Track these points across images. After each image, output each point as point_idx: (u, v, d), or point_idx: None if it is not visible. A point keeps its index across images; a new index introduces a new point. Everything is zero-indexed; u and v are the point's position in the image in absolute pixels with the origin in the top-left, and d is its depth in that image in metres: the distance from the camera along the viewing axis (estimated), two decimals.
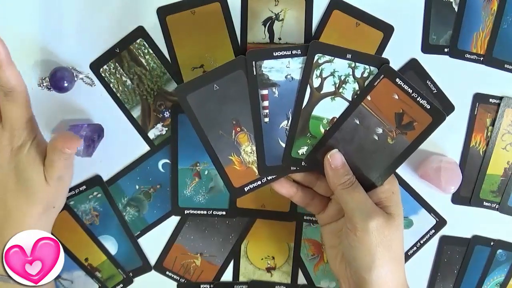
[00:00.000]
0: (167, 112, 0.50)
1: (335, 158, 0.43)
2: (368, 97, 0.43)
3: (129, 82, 0.50)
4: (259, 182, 0.46)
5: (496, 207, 0.53)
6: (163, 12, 0.49)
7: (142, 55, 0.50)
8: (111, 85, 0.50)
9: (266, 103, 0.44)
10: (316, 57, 0.43)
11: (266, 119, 0.44)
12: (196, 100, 0.43)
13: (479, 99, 0.52)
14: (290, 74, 0.43)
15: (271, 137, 0.44)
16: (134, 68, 0.50)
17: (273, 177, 0.46)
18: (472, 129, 0.52)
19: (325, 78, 0.43)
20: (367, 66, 0.43)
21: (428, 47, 0.51)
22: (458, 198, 0.53)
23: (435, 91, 0.51)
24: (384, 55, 0.50)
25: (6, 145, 0.42)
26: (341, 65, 0.43)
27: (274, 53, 0.43)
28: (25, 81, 0.49)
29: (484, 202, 0.53)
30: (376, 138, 0.43)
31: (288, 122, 0.44)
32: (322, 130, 0.44)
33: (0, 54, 0.41)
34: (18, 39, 0.49)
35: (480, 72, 0.52)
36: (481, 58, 0.51)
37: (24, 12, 0.49)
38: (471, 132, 0.52)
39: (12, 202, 0.42)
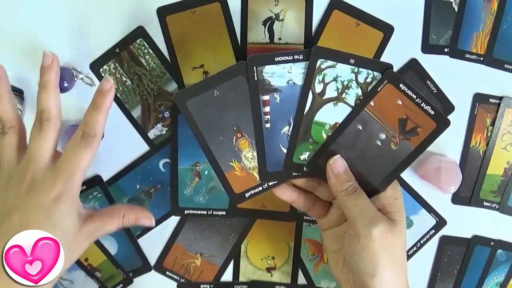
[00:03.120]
0: (167, 112, 0.50)
1: (337, 164, 0.43)
2: (371, 103, 0.43)
3: (129, 82, 0.50)
4: (260, 188, 0.45)
5: (496, 207, 0.53)
6: (163, 12, 0.49)
7: (142, 55, 0.50)
8: None
9: (267, 109, 0.44)
10: (318, 62, 0.42)
11: (268, 125, 0.44)
12: (196, 106, 0.43)
13: (479, 99, 0.52)
14: (292, 80, 0.43)
15: (273, 142, 0.44)
16: (134, 68, 0.50)
17: (274, 183, 0.45)
18: (472, 129, 0.52)
19: (328, 83, 0.43)
20: (370, 71, 0.42)
21: (428, 47, 0.51)
22: (458, 198, 0.53)
23: (435, 91, 0.51)
24: (384, 55, 0.50)
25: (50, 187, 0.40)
26: (344, 70, 0.43)
27: (275, 58, 0.42)
28: (25, 81, 0.49)
29: (484, 202, 0.53)
30: (379, 143, 0.43)
31: (289, 128, 0.44)
32: (325, 136, 0.44)
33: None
34: (18, 39, 0.49)
35: (480, 72, 0.52)
36: (481, 58, 0.51)
37: (24, 12, 0.49)
38: (471, 132, 0.52)
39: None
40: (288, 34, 0.50)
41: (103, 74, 0.50)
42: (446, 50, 0.51)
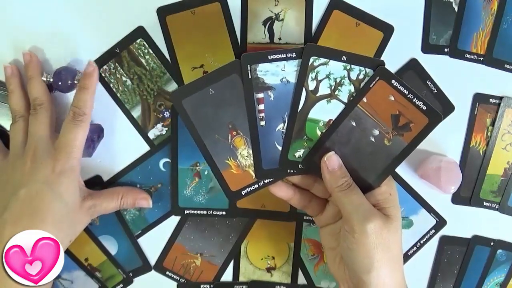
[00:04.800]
0: (167, 112, 0.50)
1: (332, 161, 0.43)
2: (364, 99, 0.43)
3: (129, 82, 0.50)
4: (256, 186, 0.46)
5: (496, 207, 0.53)
6: (163, 12, 0.49)
7: (142, 55, 0.50)
8: (111, 85, 0.50)
9: (261, 107, 0.44)
10: (311, 60, 0.43)
11: (262, 123, 0.44)
12: (192, 104, 0.43)
13: (479, 99, 0.52)
14: (285, 77, 0.43)
15: (268, 140, 0.44)
16: (134, 68, 0.50)
17: (270, 180, 0.46)
18: (472, 129, 0.52)
19: (321, 80, 0.43)
20: (362, 68, 0.43)
21: (428, 47, 0.51)
22: (458, 198, 0.53)
23: (435, 91, 0.51)
24: (384, 55, 0.50)
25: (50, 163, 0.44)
26: (336, 68, 0.43)
27: (269, 56, 0.42)
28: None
29: (484, 202, 0.53)
30: (373, 139, 0.43)
31: (284, 125, 0.44)
32: (319, 133, 0.44)
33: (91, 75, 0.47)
34: (18, 39, 0.49)
35: (480, 72, 0.52)
36: (481, 58, 0.51)
37: (24, 12, 0.49)
38: (471, 132, 0.52)
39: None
40: (288, 34, 0.50)
41: (103, 74, 0.50)
42: (446, 50, 0.51)
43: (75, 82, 0.47)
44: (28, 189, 0.43)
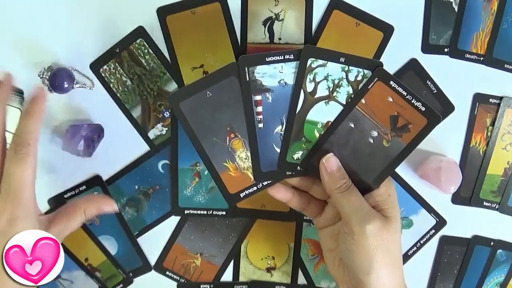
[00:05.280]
0: (167, 112, 0.51)
1: (330, 162, 0.43)
2: (363, 100, 0.43)
3: (129, 82, 0.50)
4: (255, 188, 0.46)
5: (496, 207, 0.53)
6: (163, 12, 0.49)
7: (142, 55, 0.50)
8: (111, 85, 0.50)
9: (259, 109, 0.44)
10: (309, 62, 0.43)
11: (260, 125, 0.44)
12: (189, 107, 0.43)
13: (479, 99, 0.52)
14: (283, 79, 0.43)
15: (266, 142, 0.44)
16: (134, 68, 0.50)
17: (268, 182, 0.45)
18: (472, 129, 0.52)
19: (319, 82, 0.43)
20: (360, 69, 0.43)
21: (428, 47, 0.51)
22: (458, 198, 0.53)
23: (435, 91, 0.51)
24: (384, 55, 0.50)
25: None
26: (334, 69, 0.43)
27: (266, 58, 0.42)
28: (25, 81, 0.49)
29: (484, 202, 0.53)
30: (372, 141, 0.43)
31: (282, 127, 0.44)
32: (317, 135, 0.44)
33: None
34: (18, 39, 0.49)
35: (480, 72, 0.52)
36: (481, 58, 0.51)
37: (24, 12, 0.49)
38: (471, 132, 0.52)
39: None
40: (288, 34, 0.50)
41: (103, 74, 0.50)
42: (446, 50, 0.51)
43: (75, 83, 0.47)
44: None
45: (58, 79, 0.47)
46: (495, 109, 0.52)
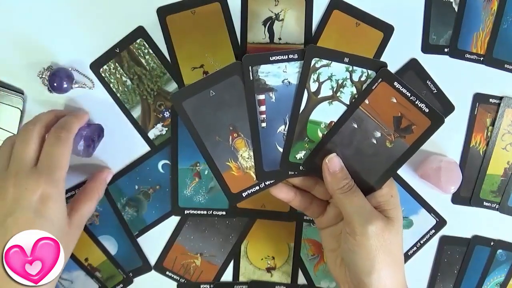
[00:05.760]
0: (167, 112, 0.50)
1: (333, 162, 0.43)
2: (366, 101, 0.43)
3: (129, 82, 0.50)
4: (257, 188, 0.46)
5: (496, 207, 0.53)
6: (163, 12, 0.49)
7: (142, 55, 0.50)
8: (111, 85, 0.50)
9: (263, 108, 0.44)
10: (313, 62, 0.42)
11: (263, 124, 0.44)
12: (192, 106, 0.43)
13: (479, 99, 0.52)
14: (287, 79, 0.43)
15: (269, 142, 0.44)
16: (134, 68, 0.50)
17: (271, 182, 0.45)
18: (472, 129, 0.52)
19: (323, 82, 0.43)
20: (365, 70, 0.43)
21: (428, 47, 0.51)
22: (458, 198, 0.53)
23: (435, 91, 0.51)
24: (384, 55, 0.50)
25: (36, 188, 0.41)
26: (338, 69, 0.43)
27: (270, 57, 0.42)
28: (25, 81, 0.49)
29: (484, 202, 0.53)
30: (375, 141, 0.43)
31: (285, 127, 0.44)
32: (320, 134, 0.44)
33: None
34: (18, 39, 0.49)
35: (480, 72, 0.52)
36: (481, 58, 0.51)
37: (24, 12, 0.49)
38: (471, 132, 0.52)
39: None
40: (288, 34, 0.50)
41: (103, 74, 0.50)
42: (446, 50, 0.51)
43: (74, 84, 0.47)
44: (15, 217, 0.40)
45: (57, 79, 0.47)
46: (495, 109, 0.52)
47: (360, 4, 0.50)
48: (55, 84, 0.47)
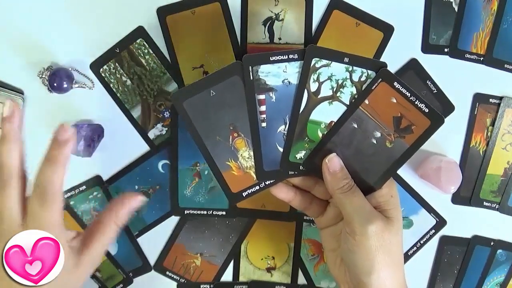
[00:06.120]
0: (167, 112, 0.50)
1: (333, 162, 0.43)
2: (366, 101, 0.43)
3: (129, 82, 0.50)
4: (257, 187, 0.46)
5: (496, 207, 0.53)
6: (163, 12, 0.49)
7: (142, 55, 0.50)
8: (111, 85, 0.50)
9: (263, 108, 0.44)
10: (313, 62, 0.43)
11: (264, 124, 0.44)
12: (193, 106, 0.43)
13: (479, 99, 0.52)
14: (287, 79, 0.43)
15: (269, 142, 0.44)
16: (134, 68, 0.50)
17: (271, 181, 0.45)
18: (472, 129, 0.52)
19: (323, 82, 0.43)
20: (364, 70, 0.43)
21: (428, 47, 0.51)
22: (458, 198, 0.53)
23: (435, 91, 0.51)
24: (384, 55, 0.50)
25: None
26: (338, 69, 0.43)
27: (270, 57, 0.42)
28: (25, 81, 0.49)
29: (484, 202, 0.53)
30: (375, 141, 0.43)
31: (285, 127, 0.44)
32: (320, 134, 0.44)
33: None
34: (18, 39, 0.49)
35: (480, 72, 0.52)
36: (481, 58, 0.51)
37: (24, 12, 0.49)
38: (471, 132, 0.52)
39: None
40: (288, 34, 0.50)
41: (103, 74, 0.50)
42: (446, 50, 0.51)
43: (74, 84, 0.47)
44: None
45: (57, 79, 0.47)
46: (495, 109, 0.52)
47: (360, 4, 0.50)
48: (55, 84, 0.47)
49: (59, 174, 0.37)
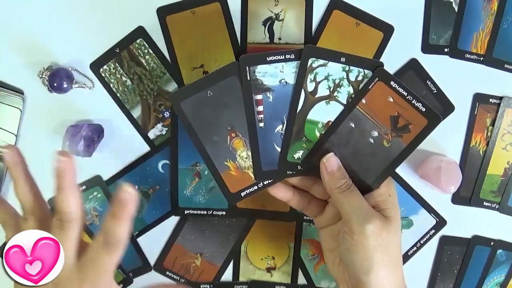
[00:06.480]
0: (167, 112, 0.51)
1: (331, 162, 0.43)
2: (363, 100, 0.43)
3: (129, 82, 0.50)
4: (256, 187, 0.46)
5: (496, 207, 0.53)
6: (163, 12, 0.49)
7: (142, 55, 0.50)
8: (111, 85, 0.50)
9: (260, 108, 0.44)
10: (309, 61, 0.43)
11: (261, 124, 0.44)
12: (190, 106, 0.43)
13: (479, 99, 0.52)
14: (284, 79, 0.43)
15: (267, 142, 0.44)
16: (134, 68, 0.50)
17: (269, 181, 0.45)
18: (472, 129, 0.52)
19: (319, 82, 0.43)
20: (361, 69, 0.43)
21: (428, 47, 0.51)
22: (458, 198, 0.53)
23: (435, 91, 0.51)
24: (384, 55, 0.50)
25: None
26: (335, 69, 0.43)
27: (267, 58, 0.42)
28: (25, 81, 0.49)
29: (484, 202, 0.53)
30: (372, 141, 0.43)
31: (283, 127, 0.44)
32: (318, 134, 0.44)
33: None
34: (17, 39, 0.49)
35: (480, 72, 0.52)
36: (481, 58, 0.51)
37: (24, 12, 0.49)
38: (471, 132, 0.52)
39: None
40: (288, 34, 0.50)
41: (103, 74, 0.50)
42: (446, 50, 0.51)
43: (74, 84, 0.47)
44: None
45: (57, 79, 0.47)
46: (495, 109, 0.52)
47: (360, 4, 0.50)
48: (55, 84, 0.47)
49: (124, 228, 0.38)
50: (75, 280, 0.38)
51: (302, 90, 0.43)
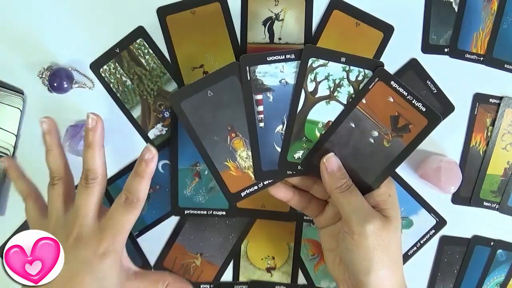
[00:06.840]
0: (167, 112, 0.51)
1: (331, 162, 0.43)
2: (363, 100, 0.43)
3: (129, 82, 0.50)
4: (256, 187, 0.46)
5: (496, 207, 0.53)
6: (163, 12, 0.49)
7: (142, 55, 0.50)
8: (111, 85, 0.50)
9: (260, 108, 0.44)
10: (310, 61, 0.43)
11: (261, 124, 0.44)
12: (190, 106, 0.43)
13: (479, 99, 0.52)
14: (284, 79, 0.43)
15: (267, 141, 0.44)
16: (134, 68, 0.50)
17: (269, 181, 0.45)
18: (472, 129, 0.52)
19: (320, 82, 0.43)
20: (361, 69, 0.43)
21: (428, 47, 0.51)
22: (458, 198, 0.53)
23: (435, 91, 0.51)
24: (384, 55, 0.50)
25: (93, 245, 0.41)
26: (335, 69, 0.43)
27: (267, 58, 0.42)
28: (25, 81, 0.49)
29: (484, 202, 0.53)
30: (372, 141, 0.43)
31: (283, 127, 0.44)
32: (318, 134, 0.44)
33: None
34: (17, 39, 0.49)
35: (480, 72, 0.52)
36: (481, 58, 0.51)
37: (24, 12, 0.49)
38: (471, 132, 0.52)
39: None
40: (288, 34, 0.50)
41: (103, 74, 0.50)
42: (446, 50, 0.51)
43: (74, 84, 0.47)
44: (68, 267, 0.41)
45: (57, 79, 0.47)
46: (495, 109, 0.52)
47: (360, 4, 0.50)
48: (55, 84, 0.47)
49: (145, 185, 0.43)
50: (95, 238, 0.41)
51: (302, 90, 0.43)
